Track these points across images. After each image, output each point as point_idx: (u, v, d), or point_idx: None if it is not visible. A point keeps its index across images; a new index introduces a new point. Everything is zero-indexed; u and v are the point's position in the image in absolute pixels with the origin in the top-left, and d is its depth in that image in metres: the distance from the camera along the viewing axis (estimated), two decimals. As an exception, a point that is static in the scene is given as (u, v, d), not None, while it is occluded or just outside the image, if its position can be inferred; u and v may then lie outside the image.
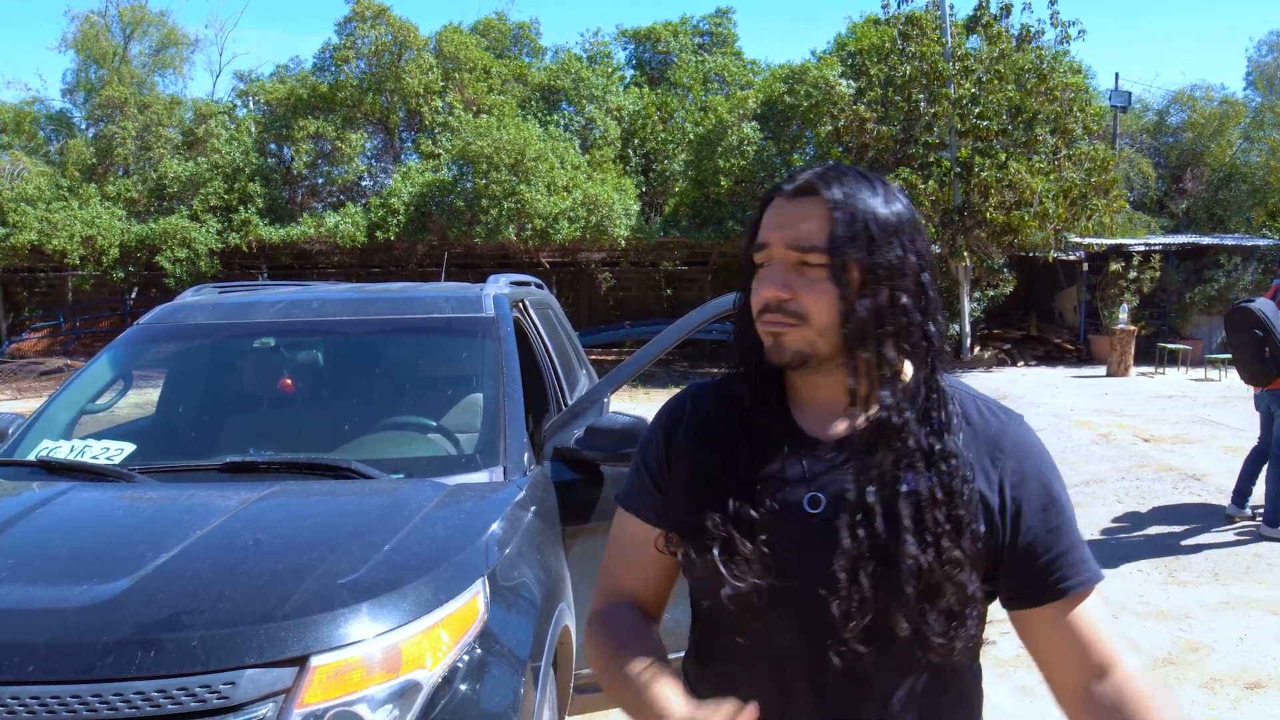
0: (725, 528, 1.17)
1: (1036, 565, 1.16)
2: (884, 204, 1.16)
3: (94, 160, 19.40)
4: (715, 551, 1.18)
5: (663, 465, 1.28)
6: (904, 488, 1.13)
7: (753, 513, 1.16)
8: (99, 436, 3.00)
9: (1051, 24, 15.05)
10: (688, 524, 1.21)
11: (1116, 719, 1.12)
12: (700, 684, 1.28)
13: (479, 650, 1.93)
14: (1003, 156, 14.47)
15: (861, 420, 1.17)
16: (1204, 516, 6.41)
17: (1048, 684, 1.21)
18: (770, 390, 1.22)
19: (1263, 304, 5.71)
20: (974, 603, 1.14)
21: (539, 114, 19.26)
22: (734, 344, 1.26)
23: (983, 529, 1.14)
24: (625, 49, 22.80)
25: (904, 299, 1.15)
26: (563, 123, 19.35)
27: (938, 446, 1.15)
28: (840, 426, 1.19)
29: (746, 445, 1.20)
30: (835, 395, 1.19)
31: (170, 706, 1.65)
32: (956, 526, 1.12)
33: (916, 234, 1.18)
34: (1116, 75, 26.35)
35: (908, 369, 1.18)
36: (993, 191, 14.32)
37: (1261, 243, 18.09)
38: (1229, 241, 18.34)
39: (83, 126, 21.47)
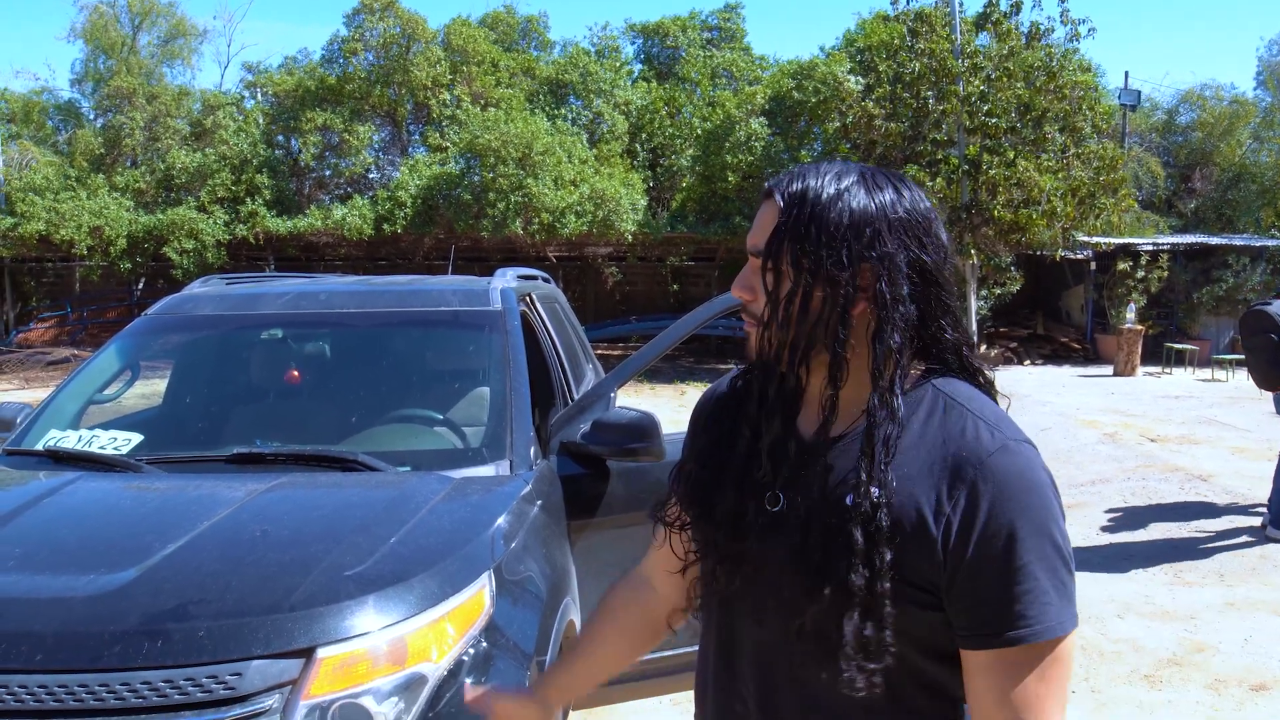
0: (695, 513, 1.20)
1: (972, 604, 1.02)
2: (843, 203, 1.06)
3: (102, 150, 19.41)
4: (684, 536, 1.22)
5: (690, 447, 1.30)
6: (840, 504, 1.06)
7: (724, 504, 1.16)
8: (106, 427, 3.01)
9: (1061, 22, 14.94)
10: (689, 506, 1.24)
11: None
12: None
13: (484, 644, 1.94)
14: (1011, 154, 14.39)
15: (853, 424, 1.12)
16: (1210, 517, 6.39)
17: None
18: (776, 385, 1.19)
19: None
20: (882, 647, 1.03)
21: (547, 108, 19.23)
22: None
23: (889, 557, 1.02)
24: (633, 43, 22.78)
25: (832, 307, 1.06)
26: (570, 117, 19.31)
27: (856, 472, 1.05)
28: (824, 427, 1.13)
29: (743, 436, 1.18)
30: (813, 395, 1.16)
31: (177, 697, 1.65)
32: (847, 560, 1.02)
33: (882, 236, 1.06)
34: (1126, 74, 26.31)
35: (865, 382, 1.10)
36: (1001, 189, 14.25)
37: (1270, 243, 18.01)
38: (1237, 242, 18.27)
39: (91, 117, 21.52)
